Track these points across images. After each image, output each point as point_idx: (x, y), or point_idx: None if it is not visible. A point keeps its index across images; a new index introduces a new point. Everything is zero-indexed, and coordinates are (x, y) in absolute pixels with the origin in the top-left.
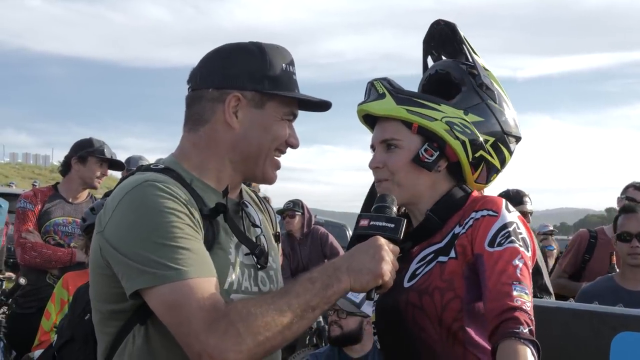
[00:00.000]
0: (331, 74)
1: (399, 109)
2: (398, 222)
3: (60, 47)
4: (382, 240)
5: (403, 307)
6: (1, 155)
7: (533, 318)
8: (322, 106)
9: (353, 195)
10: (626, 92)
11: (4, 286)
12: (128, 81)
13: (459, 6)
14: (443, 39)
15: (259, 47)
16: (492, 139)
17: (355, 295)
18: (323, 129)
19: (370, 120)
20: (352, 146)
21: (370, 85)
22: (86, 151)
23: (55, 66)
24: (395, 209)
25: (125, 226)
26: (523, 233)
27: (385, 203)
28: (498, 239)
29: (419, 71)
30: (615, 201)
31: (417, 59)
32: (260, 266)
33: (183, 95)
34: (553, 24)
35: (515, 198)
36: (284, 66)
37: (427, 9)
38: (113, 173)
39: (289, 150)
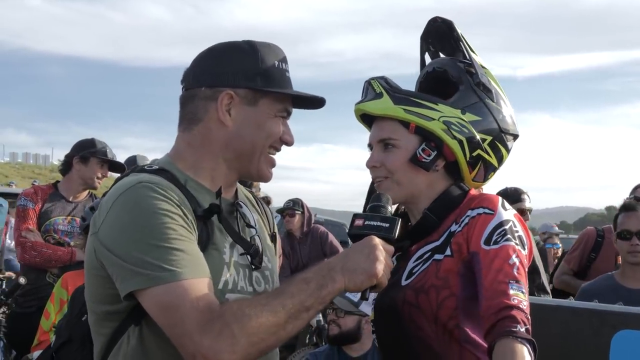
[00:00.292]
0: (331, 73)
1: (397, 109)
2: (393, 222)
3: (60, 47)
4: (377, 239)
5: (400, 306)
6: (1, 154)
7: (529, 317)
8: (316, 103)
9: (353, 194)
10: (626, 91)
11: (4, 286)
12: (128, 81)
13: (459, 5)
14: (440, 36)
15: (251, 45)
16: (490, 138)
17: (353, 294)
18: (323, 128)
19: (367, 119)
20: (352, 145)
21: (367, 84)
22: (88, 151)
23: (55, 66)
24: (390, 209)
25: (119, 228)
26: (519, 231)
27: (380, 202)
28: (494, 237)
29: (419, 70)
30: (615, 199)
31: (417, 58)
32: (254, 266)
33: None
34: (553, 23)
35: (513, 196)
36: (277, 63)
37: (427, 8)
38: (113, 174)
39: (289, 149)
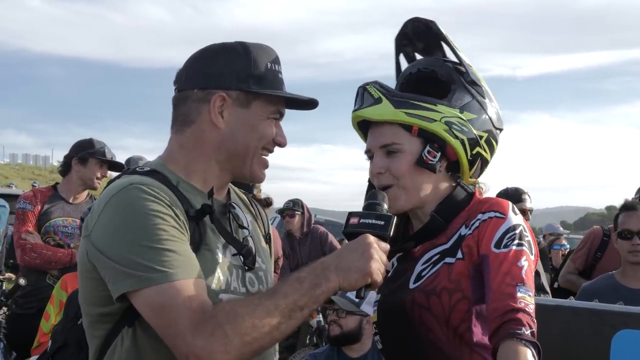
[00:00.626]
0: (330, 74)
1: (398, 113)
2: (388, 219)
3: (60, 48)
4: (372, 238)
5: (409, 308)
6: (1, 156)
7: (535, 320)
8: (309, 104)
9: (352, 194)
10: (625, 90)
11: (4, 287)
12: (128, 81)
13: (458, 5)
14: (418, 36)
15: (244, 47)
16: (486, 135)
17: (354, 293)
18: (322, 129)
19: (363, 125)
20: (352, 145)
21: (362, 90)
22: (87, 152)
23: (55, 67)
24: (386, 206)
25: (111, 230)
26: (528, 236)
27: (375, 200)
28: (505, 241)
29: (394, 72)
30: (616, 199)
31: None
32: (248, 267)
33: None
34: (552, 23)
35: (514, 196)
36: (269, 65)
37: (427, 8)
38: (112, 174)
39: (289, 149)
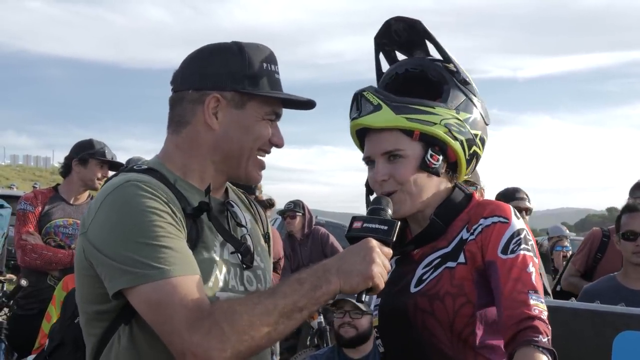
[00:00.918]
0: (331, 75)
1: (399, 119)
2: (391, 225)
3: (60, 49)
4: (374, 242)
5: (412, 313)
6: (2, 157)
7: (550, 327)
8: (307, 104)
9: (353, 195)
10: (626, 92)
11: (5, 288)
12: (128, 82)
13: (458, 6)
14: (399, 35)
15: (239, 47)
16: (479, 133)
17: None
18: (323, 130)
19: (360, 132)
20: (352, 147)
21: (359, 97)
22: (87, 153)
23: (55, 68)
24: (390, 212)
25: (107, 227)
26: (531, 240)
27: (380, 205)
28: (511, 246)
29: (375, 72)
30: (616, 201)
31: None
32: (246, 265)
33: None
34: (553, 24)
35: (510, 195)
36: (265, 65)
37: (427, 9)
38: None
39: (290, 151)
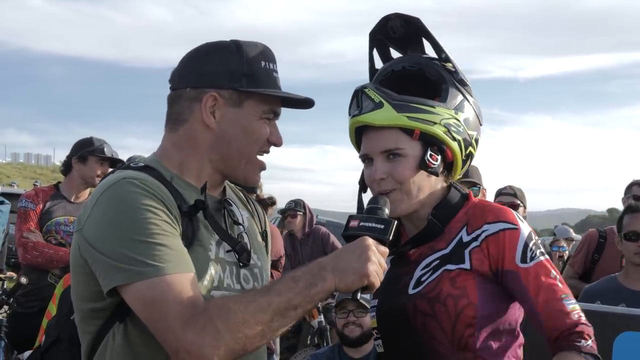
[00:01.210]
0: (332, 74)
1: (400, 117)
2: (388, 224)
3: (61, 47)
4: (370, 240)
5: (411, 314)
6: (3, 155)
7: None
8: (305, 103)
9: (354, 195)
10: (628, 93)
11: (5, 285)
12: (130, 81)
13: (460, 6)
14: (394, 31)
15: (237, 45)
16: (475, 134)
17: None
18: (324, 130)
19: (358, 129)
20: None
21: (361, 93)
22: (86, 150)
23: (56, 66)
24: (387, 211)
25: (102, 224)
26: (538, 240)
27: (377, 205)
28: (529, 254)
29: (368, 68)
30: (617, 201)
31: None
32: (242, 264)
33: None
34: (554, 24)
35: (508, 193)
36: (263, 64)
37: (428, 9)
38: None
39: (290, 150)
